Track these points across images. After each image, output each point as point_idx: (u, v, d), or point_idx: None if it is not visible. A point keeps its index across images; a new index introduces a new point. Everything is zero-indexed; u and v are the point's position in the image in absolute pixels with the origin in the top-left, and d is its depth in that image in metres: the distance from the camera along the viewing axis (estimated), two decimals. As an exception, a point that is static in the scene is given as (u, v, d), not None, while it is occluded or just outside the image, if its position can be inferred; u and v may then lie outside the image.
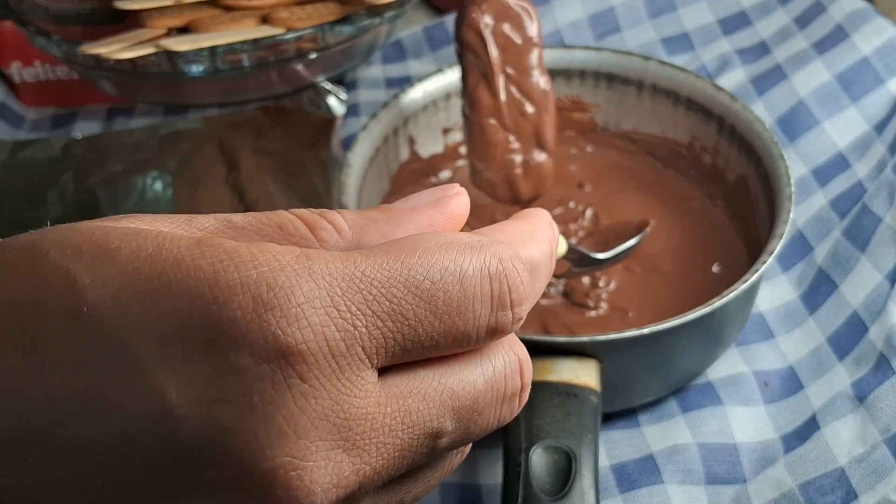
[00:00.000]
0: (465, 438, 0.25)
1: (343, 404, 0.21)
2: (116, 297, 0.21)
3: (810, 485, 0.43)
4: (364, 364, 0.22)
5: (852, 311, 0.49)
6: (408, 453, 0.23)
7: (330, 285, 0.22)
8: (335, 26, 0.55)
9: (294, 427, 0.21)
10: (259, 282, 0.21)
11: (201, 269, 0.21)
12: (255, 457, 0.21)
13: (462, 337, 0.23)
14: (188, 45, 0.53)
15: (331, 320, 0.21)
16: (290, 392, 0.21)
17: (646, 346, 0.44)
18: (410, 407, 0.23)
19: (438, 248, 0.23)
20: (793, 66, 0.61)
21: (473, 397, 0.24)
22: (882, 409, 0.44)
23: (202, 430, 0.20)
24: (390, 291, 0.22)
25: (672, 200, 0.57)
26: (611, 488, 0.45)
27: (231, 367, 0.21)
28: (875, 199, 0.51)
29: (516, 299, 0.24)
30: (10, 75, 0.69)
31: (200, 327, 0.21)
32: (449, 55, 0.70)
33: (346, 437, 0.22)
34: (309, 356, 0.21)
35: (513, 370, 0.25)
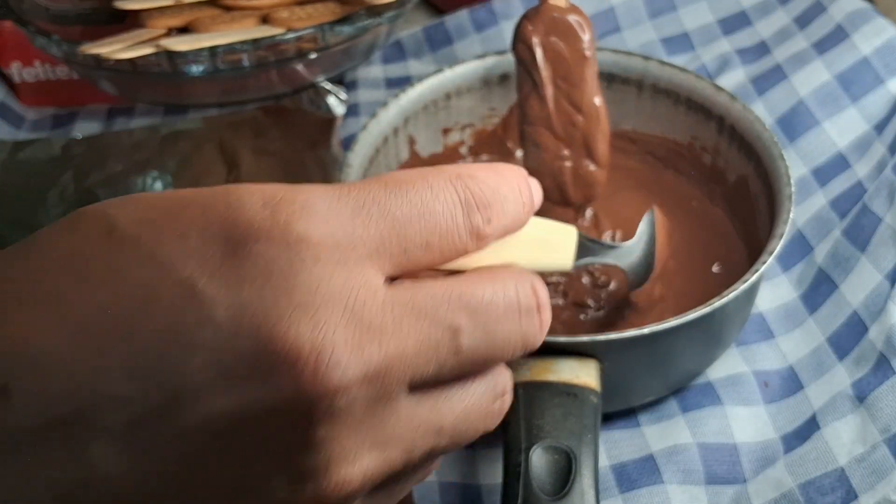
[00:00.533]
0: (489, 344, 0.26)
1: (353, 290, 0.24)
2: (144, 217, 0.24)
3: (810, 485, 0.43)
4: (368, 262, 0.25)
5: (852, 311, 0.49)
6: (429, 344, 0.25)
7: (325, 196, 0.25)
8: (335, 26, 0.55)
9: (313, 299, 0.23)
10: (264, 192, 0.24)
11: (213, 192, 0.25)
12: (280, 325, 0.23)
13: (447, 234, 0.26)
14: (188, 45, 0.53)
15: (332, 217, 0.24)
16: (304, 270, 0.23)
17: (646, 346, 0.44)
18: (418, 301, 0.25)
19: (405, 173, 0.27)
20: (793, 66, 0.61)
21: (484, 301, 0.26)
22: (882, 409, 0.44)
23: (232, 308, 0.23)
24: (378, 198, 0.25)
25: (672, 200, 0.57)
26: (611, 488, 0.45)
27: (250, 253, 0.23)
28: (875, 199, 0.51)
29: (481, 203, 0.27)
30: (10, 75, 0.69)
31: (219, 227, 0.24)
32: (449, 55, 0.70)
33: (361, 317, 0.24)
34: (318, 241, 0.24)
35: (524, 287, 0.27)
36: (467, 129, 0.60)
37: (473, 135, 0.60)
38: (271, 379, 0.23)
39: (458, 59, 0.68)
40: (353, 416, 0.24)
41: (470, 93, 0.58)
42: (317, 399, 0.23)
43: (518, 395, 0.42)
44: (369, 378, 0.24)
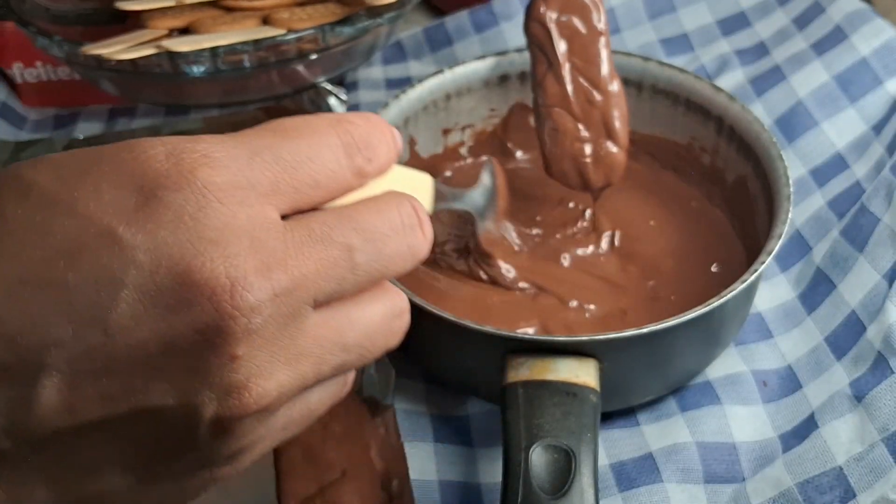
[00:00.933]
0: (382, 259, 0.30)
1: (256, 226, 0.27)
2: (58, 175, 0.27)
3: (809, 484, 0.43)
4: (265, 199, 0.27)
5: (850, 311, 0.49)
6: (326, 263, 0.28)
7: (222, 144, 0.27)
8: (336, 27, 0.55)
9: (222, 236, 0.26)
10: (166, 144, 0.27)
11: (121, 147, 0.27)
12: (196, 260, 0.26)
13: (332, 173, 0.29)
14: (189, 46, 0.53)
15: (231, 163, 0.27)
16: (212, 212, 0.26)
17: (645, 346, 0.44)
18: (312, 226, 0.28)
19: (292, 119, 0.30)
20: (792, 66, 0.61)
21: (370, 222, 0.29)
22: (880, 408, 0.44)
23: (151, 250, 0.26)
24: (268, 144, 0.28)
25: (671, 201, 0.57)
26: (610, 487, 0.45)
27: (162, 201, 0.26)
28: (873, 199, 0.51)
29: (361, 143, 0.30)
30: (12, 76, 0.69)
31: (130, 180, 0.26)
32: (449, 56, 0.70)
33: (266, 247, 0.27)
34: (222, 185, 0.26)
35: (404, 206, 0.31)
36: (467, 129, 0.60)
37: (473, 135, 0.60)
38: (193, 307, 0.26)
39: (458, 59, 0.68)
40: (266, 334, 0.27)
41: (470, 94, 0.58)
42: (234, 320, 0.26)
43: (518, 394, 0.42)
44: (278, 297, 0.27)
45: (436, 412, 0.49)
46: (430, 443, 0.48)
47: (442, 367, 0.49)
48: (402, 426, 0.48)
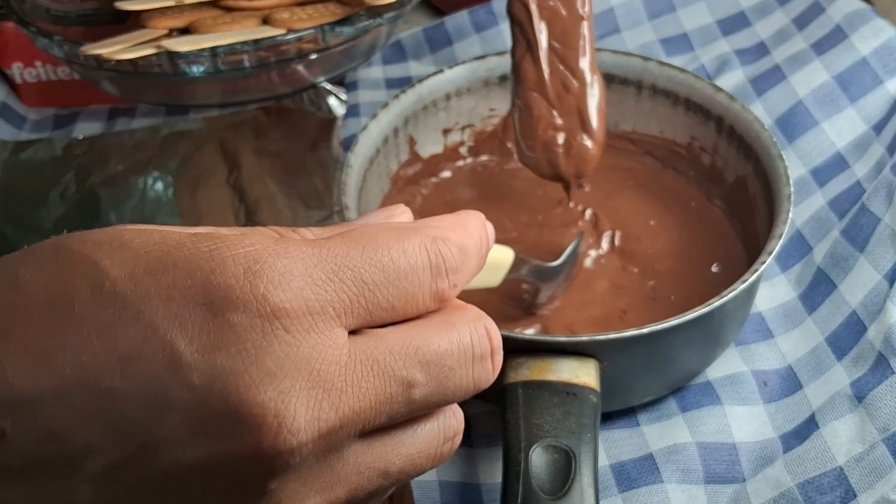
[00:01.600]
0: (441, 393, 0.28)
1: (320, 353, 0.26)
2: (132, 273, 0.26)
3: (809, 484, 0.43)
4: (335, 322, 0.26)
5: (851, 311, 0.49)
6: (383, 399, 0.27)
7: (304, 260, 0.26)
8: (335, 27, 0.55)
9: (280, 369, 0.25)
10: (247, 256, 0.26)
11: (199, 250, 0.26)
12: (249, 392, 0.25)
13: (412, 299, 0.28)
14: (189, 46, 0.53)
15: (307, 285, 0.26)
16: (276, 341, 0.25)
17: (645, 346, 0.44)
18: (378, 357, 0.27)
19: (384, 230, 0.28)
20: (792, 66, 0.61)
21: (439, 353, 0.28)
22: (881, 408, 0.44)
23: (207, 373, 0.25)
24: (352, 263, 0.27)
25: (671, 200, 0.57)
26: (610, 487, 0.45)
27: (228, 322, 0.25)
28: (874, 199, 0.51)
29: (450, 268, 0.29)
30: (12, 76, 0.69)
31: (202, 292, 0.25)
32: (449, 56, 0.70)
33: (325, 380, 0.26)
34: (291, 312, 0.26)
35: (479, 334, 0.29)
36: (467, 129, 0.60)
37: (473, 135, 0.60)
38: (236, 439, 0.25)
39: (458, 59, 0.68)
40: (304, 467, 0.26)
41: (470, 93, 0.58)
42: (275, 458, 0.25)
43: (518, 394, 0.42)
44: (323, 436, 0.26)
45: (436, 412, 0.49)
46: (430, 443, 0.48)
47: (442, 368, 0.49)
48: (402, 426, 0.48)
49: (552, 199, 0.56)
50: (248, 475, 0.26)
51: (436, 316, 0.29)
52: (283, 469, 0.26)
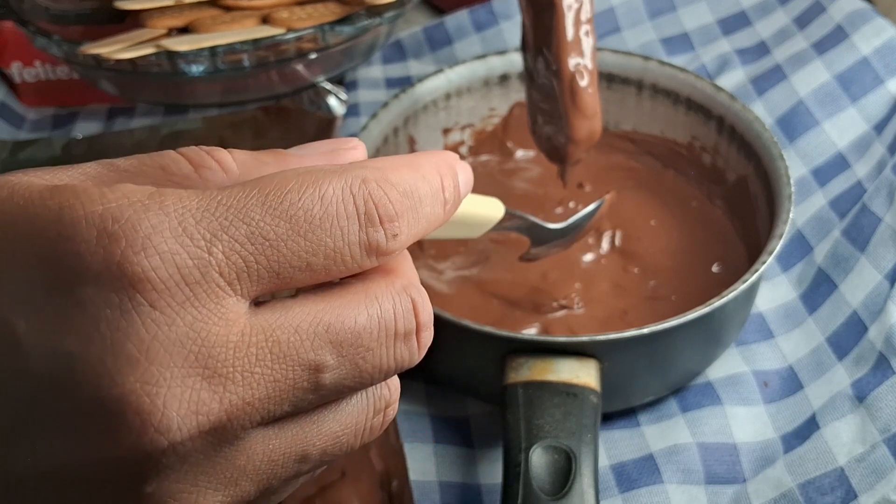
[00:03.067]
0: (357, 376, 0.24)
1: (200, 332, 0.21)
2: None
3: (810, 484, 0.43)
4: (224, 291, 0.22)
5: (852, 311, 0.49)
6: (285, 386, 0.22)
7: (182, 215, 0.21)
8: (335, 26, 0.55)
9: (144, 353, 0.21)
10: (104, 215, 0.21)
11: (47, 209, 0.21)
12: (103, 382, 0.20)
13: (334, 254, 0.23)
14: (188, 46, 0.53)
15: (182, 248, 0.21)
16: (139, 319, 0.21)
17: (646, 346, 0.44)
18: (280, 337, 0.22)
19: (297, 174, 0.23)
20: (792, 66, 0.61)
21: (354, 331, 0.23)
22: (882, 408, 0.44)
23: (50, 360, 0.21)
24: (247, 216, 0.22)
25: (672, 200, 0.57)
26: (610, 488, 0.45)
27: (76, 298, 0.21)
28: (874, 199, 0.51)
29: (385, 215, 0.24)
30: (11, 75, 0.69)
31: (45, 263, 0.21)
32: (449, 56, 0.70)
33: (206, 365, 0.21)
34: (159, 283, 0.21)
35: (404, 308, 0.25)
36: (467, 129, 0.60)
37: (473, 135, 0.60)
38: (91, 439, 0.21)
39: (458, 59, 0.68)
40: (188, 466, 0.22)
41: (470, 93, 0.58)
42: (142, 460, 0.21)
43: (518, 394, 0.42)
44: (205, 432, 0.22)
45: (436, 413, 0.49)
46: (429, 443, 0.48)
47: (442, 368, 0.49)
48: (402, 427, 0.48)
49: (552, 199, 0.56)
50: (115, 479, 0.21)
51: (354, 285, 0.24)
52: (156, 470, 0.21)
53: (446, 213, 0.27)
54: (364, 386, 0.25)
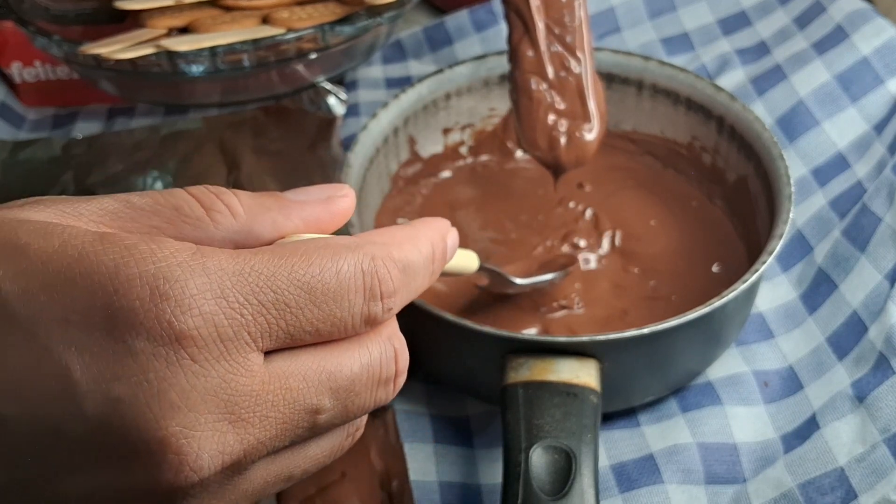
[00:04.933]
0: (344, 416, 0.27)
1: (230, 382, 0.24)
2: (26, 289, 0.23)
3: (810, 484, 0.43)
4: (250, 347, 0.25)
5: (852, 311, 0.49)
6: (289, 427, 0.26)
7: (221, 279, 0.24)
8: (335, 26, 0.55)
9: (185, 401, 0.24)
10: (157, 275, 0.24)
11: (103, 264, 0.24)
12: (149, 426, 0.23)
13: (339, 323, 0.26)
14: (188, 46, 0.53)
15: (220, 309, 0.24)
16: (182, 371, 0.24)
17: (646, 346, 0.44)
18: (291, 385, 0.26)
19: (318, 248, 0.26)
20: (792, 66, 0.61)
21: (350, 379, 0.27)
22: (882, 408, 0.44)
23: (103, 404, 0.23)
24: (275, 284, 0.25)
25: (672, 200, 0.57)
26: (611, 488, 0.45)
27: (129, 349, 0.23)
28: (875, 199, 0.51)
29: (386, 292, 0.27)
30: (11, 75, 0.69)
31: (102, 315, 0.23)
32: (449, 56, 0.70)
33: (232, 412, 0.24)
34: (199, 340, 0.24)
35: (388, 357, 0.28)
36: (467, 129, 0.60)
37: (473, 135, 0.60)
38: (133, 473, 0.24)
39: (458, 59, 0.68)
40: (206, 494, 0.25)
41: (470, 93, 0.58)
42: (174, 493, 0.24)
43: (518, 394, 0.42)
44: (226, 468, 0.25)
45: (436, 413, 0.49)
46: (429, 443, 0.48)
47: (442, 368, 0.49)
48: (402, 427, 0.48)
49: (552, 199, 0.56)
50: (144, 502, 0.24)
51: (348, 346, 0.27)
52: (184, 499, 0.25)
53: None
54: (346, 422, 0.28)
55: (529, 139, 0.51)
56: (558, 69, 0.50)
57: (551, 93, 0.50)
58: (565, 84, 0.50)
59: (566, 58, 0.50)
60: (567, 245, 0.54)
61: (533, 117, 0.50)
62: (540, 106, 0.50)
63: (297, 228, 0.28)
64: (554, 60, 0.50)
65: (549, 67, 0.49)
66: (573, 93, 0.50)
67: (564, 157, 0.51)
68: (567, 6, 0.49)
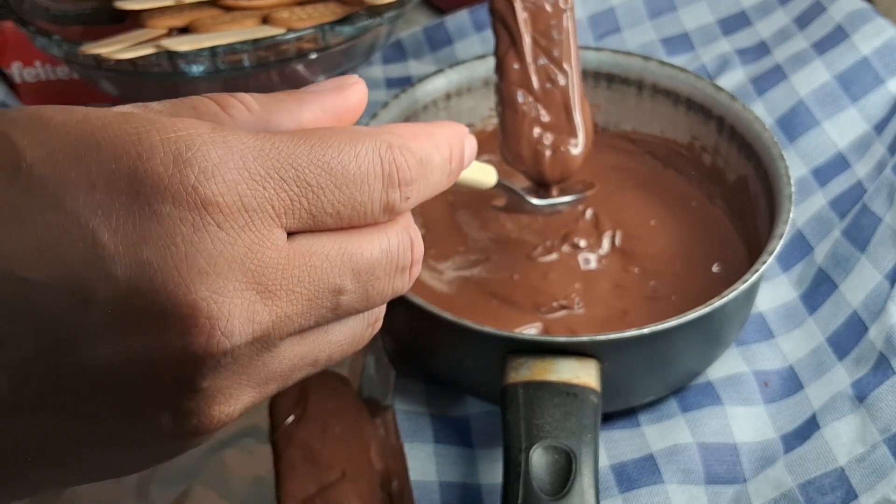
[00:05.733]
0: (365, 301, 0.28)
1: (256, 253, 0.24)
2: (51, 154, 0.24)
3: (810, 484, 0.43)
4: (274, 222, 0.25)
5: (852, 311, 0.49)
6: (314, 305, 0.26)
7: (242, 152, 0.24)
8: (335, 26, 0.55)
9: (213, 267, 0.24)
10: (178, 142, 0.24)
11: (126, 132, 0.24)
12: (178, 290, 0.23)
13: (360, 207, 0.27)
14: (189, 46, 0.53)
15: (243, 180, 0.24)
16: (208, 237, 0.24)
17: (646, 346, 0.44)
18: (315, 263, 0.26)
19: (336, 132, 0.26)
20: (793, 66, 0.61)
21: (370, 262, 0.27)
22: (882, 408, 0.44)
23: (132, 267, 0.23)
24: (297, 162, 0.25)
25: (672, 200, 0.57)
26: (611, 488, 0.45)
27: (156, 213, 0.23)
28: (875, 199, 0.51)
29: (403, 180, 0.27)
30: (11, 75, 0.69)
31: (127, 179, 0.23)
32: (449, 56, 0.70)
33: (259, 282, 0.25)
34: (225, 208, 0.24)
35: (405, 246, 0.28)
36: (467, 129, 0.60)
37: (474, 135, 0.60)
38: (164, 338, 0.24)
39: (458, 59, 0.68)
40: (236, 367, 0.25)
41: (470, 93, 0.58)
42: (205, 359, 0.24)
43: (518, 394, 0.42)
44: (256, 339, 0.25)
45: (436, 412, 0.49)
46: (430, 443, 0.48)
47: (442, 368, 0.49)
48: (402, 426, 0.48)
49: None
50: (177, 373, 0.24)
51: (369, 230, 0.28)
52: (214, 369, 0.25)
53: (449, 181, 0.30)
54: (368, 308, 0.28)
55: (514, 152, 0.51)
56: (544, 82, 0.49)
57: (537, 106, 0.50)
58: (551, 97, 0.50)
59: (553, 70, 0.49)
60: (567, 245, 0.54)
61: (518, 130, 0.50)
62: (525, 119, 0.50)
63: (315, 118, 0.28)
64: (540, 73, 0.49)
65: (535, 80, 0.49)
66: (559, 106, 0.50)
67: (549, 171, 0.51)
68: (554, 18, 0.49)
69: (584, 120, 0.51)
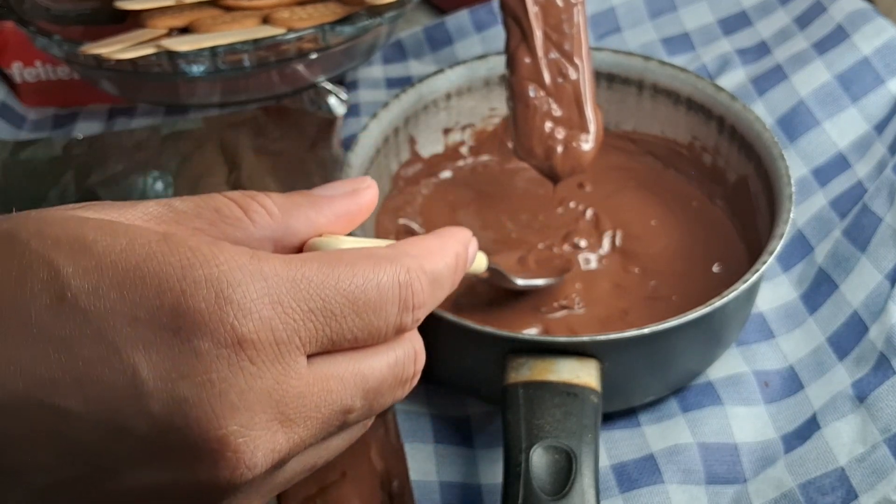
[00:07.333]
0: (368, 414, 0.29)
1: (282, 384, 0.25)
2: (97, 286, 0.24)
3: (810, 484, 0.43)
4: (299, 351, 0.26)
5: (852, 311, 0.49)
6: (326, 426, 0.27)
7: (276, 285, 0.26)
8: (336, 26, 0.55)
9: (243, 402, 0.25)
10: (220, 279, 0.25)
11: (171, 265, 0.25)
12: (210, 425, 0.24)
13: (375, 331, 0.28)
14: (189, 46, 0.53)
15: (276, 315, 0.25)
16: (242, 373, 0.25)
17: (646, 346, 0.44)
18: (331, 387, 0.27)
19: (361, 258, 0.28)
20: (793, 66, 0.61)
21: (379, 380, 0.28)
22: (882, 408, 0.44)
23: (168, 403, 0.24)
24: (324, 292, 0.26)
25: (672, 200, 0.57)
26: (611, 488, 0.45)
27: (194, 349, 0.24)
28: (875, 199, 0.51)
29: (417, 303, 0.29)
30: (12, 75, 0.69)
31: (170, 315, 0.24)
32: (449, 55, 0.70)
33: (283, 412, 0.26)
34: (259, 344, 0.25)
35: (409, 358, 0.30)
36: (468, 129, 0.60)
37: (474, 135, 0.60)
38: (192, 470, 0.25)
39: (458, 59, 0.68)
40: (251, 488, 0.27)
41: (471, 93, 0.58)
42: (227, 489, 0.26)
43: (519, 394, 0.42)
44: (275, 465, 0.26)
45: (436, 413, 0.49)
46: (430, 443, 0.48)
47: (442, 368, 0.49)
48: (403, 427, 0.48)
49: (553, 199, 0.56)
50: (200, 498, 0.26)
51: (378, 351, 0.29)
52: (234, 493, 0.26)
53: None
54: (367, 418, 0.30)
55: (525, 147, 0.51)
56: (555, 76, 0.49)
57: (548, 100, 0.50)
58: (562, 91, 0.50)
59: (564, 65, 0.49)
60: (567, 245, 0.54)
61: (529, 125, 0.50)
62: (536, 113, 0.50)
63: (329, 223, 0.30)
64: (551, 67, 0.49)
65: (547, 74, 0.49)
66: (570, 100, 0.50)
67: (560, 166, 0.51)
68: (565, 13, 0.49)
69: (596, 115, 0.51)
